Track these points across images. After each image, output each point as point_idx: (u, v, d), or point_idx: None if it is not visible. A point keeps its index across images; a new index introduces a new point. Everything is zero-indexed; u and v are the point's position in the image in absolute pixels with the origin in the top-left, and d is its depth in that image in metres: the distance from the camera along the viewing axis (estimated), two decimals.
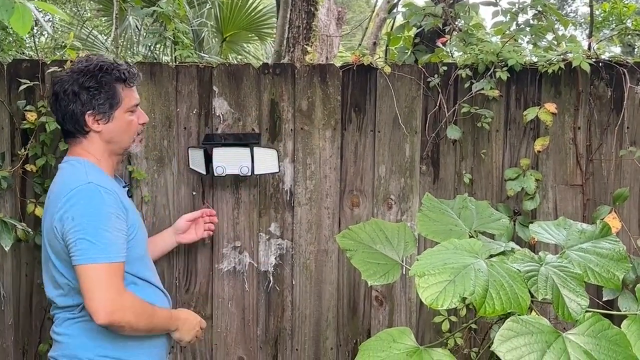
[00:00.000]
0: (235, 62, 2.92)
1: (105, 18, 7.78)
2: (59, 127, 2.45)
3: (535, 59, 2.69)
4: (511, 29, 3.03)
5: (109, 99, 2.00)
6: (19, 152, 2.56)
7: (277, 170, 2.59)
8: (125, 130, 2.06)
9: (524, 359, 1.53)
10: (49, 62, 2.58)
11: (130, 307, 1.90)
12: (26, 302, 2.67)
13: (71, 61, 2.53)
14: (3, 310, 2.66)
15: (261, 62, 2.98)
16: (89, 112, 1.99)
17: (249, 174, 2.54)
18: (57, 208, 1.91)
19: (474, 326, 2.60)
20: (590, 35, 4.45)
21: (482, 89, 2.59)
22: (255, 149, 2.55)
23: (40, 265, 2.10)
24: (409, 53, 3.28)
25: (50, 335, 2.08)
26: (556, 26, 3.08)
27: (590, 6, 4.53)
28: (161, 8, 3.19)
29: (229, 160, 2.54)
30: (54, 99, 2.03)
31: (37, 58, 2.65)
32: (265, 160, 2.57)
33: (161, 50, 6.04)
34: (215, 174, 2.54)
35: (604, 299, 2.53)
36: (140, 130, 2.14)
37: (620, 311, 2.38)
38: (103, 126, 2.01)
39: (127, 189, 2.21)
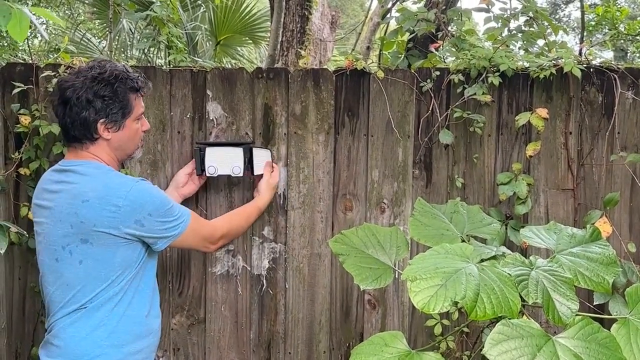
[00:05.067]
0: (229, 67, 2.92)
1: (99, 21, 7.79)
2: (52, 130, 2.47)
3: (526, 65, 2.71)
4: (503, 35, 3.05)
5: (122, 108, 2.05)
6: (13, 156, 2.56)
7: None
8: (132, 138, 2.14)
9: None
10: (42, 66, 2.58)
11: None
12: (19, 305, 2.67)
13: (70, 66, 2.53)
14: None
15: (255, 66, 2.99)
16: (101, 120, 2.03)
17: (241, 174, 2.55)
18: (109, 212, 1.95)
19: (465, 330, 2.61)
20: (582, 41, 4.48)
21: (475, 94, 2.60)
22: (254, 149, 2.56)
23: (34, 268, 2.09)
24: (402, 58, 3.29)
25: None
26: (547, 32, 3.09)
27: (582, 12, 4.56)
28: (155, 12, 3.20)
29: (221, 160, 2.54)
30: (64, 104, 2.02)
31: (30, 62, 2.65)
32: (262, 161, 2.58)
33: (155, 53, 6.05)
34: (207, 174, 2.54)
35: (595, 303, 2.54)
36: (142, 137, 2.22)
37: (611, 315, 2.40)
38: (113, 134, 2.07)
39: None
